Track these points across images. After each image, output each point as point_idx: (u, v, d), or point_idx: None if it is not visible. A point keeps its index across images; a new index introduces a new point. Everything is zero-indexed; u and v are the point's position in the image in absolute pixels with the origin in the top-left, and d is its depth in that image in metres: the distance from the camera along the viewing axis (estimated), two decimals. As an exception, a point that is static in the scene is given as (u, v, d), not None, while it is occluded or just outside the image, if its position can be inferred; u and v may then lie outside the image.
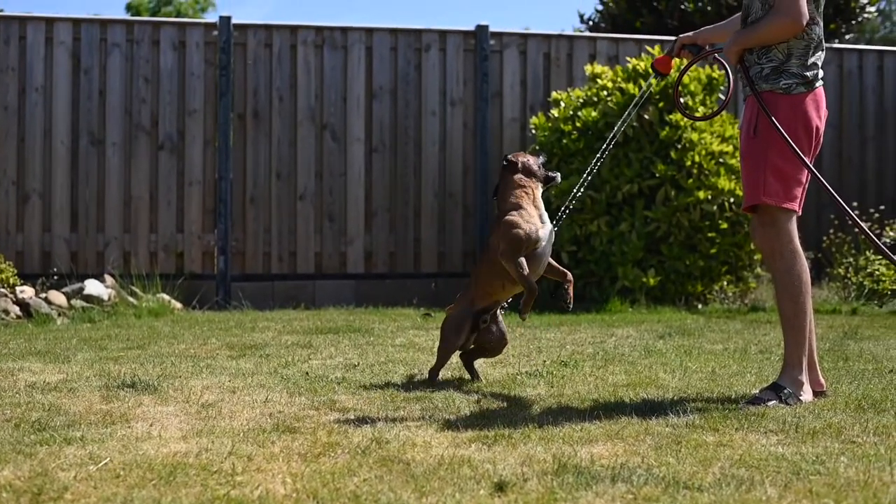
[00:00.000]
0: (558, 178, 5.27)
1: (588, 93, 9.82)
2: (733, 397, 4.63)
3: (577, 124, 9.56)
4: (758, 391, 4.58)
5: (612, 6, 14.70)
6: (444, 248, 10.52)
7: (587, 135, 9.47)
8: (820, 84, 4.57)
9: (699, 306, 9.30)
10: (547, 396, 4.72)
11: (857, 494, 2.99)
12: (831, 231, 10.28)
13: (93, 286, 8.93)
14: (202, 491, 3.08)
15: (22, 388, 4.90)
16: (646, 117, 9.44)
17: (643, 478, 3.17)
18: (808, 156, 4.52)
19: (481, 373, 5.37)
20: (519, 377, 5.27)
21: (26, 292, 8.54)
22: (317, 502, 2.99)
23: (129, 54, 10.07)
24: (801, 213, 4.61)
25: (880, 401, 4.44)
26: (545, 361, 5.84)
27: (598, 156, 5.91)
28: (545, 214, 5.10)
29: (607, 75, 9.86)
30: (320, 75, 10.39)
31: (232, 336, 7.15)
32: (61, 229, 9.85)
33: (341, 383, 5.05)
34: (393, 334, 7.29)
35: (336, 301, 9.97)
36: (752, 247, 9.28)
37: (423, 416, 4.24)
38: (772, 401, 4.39)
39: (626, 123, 5.94)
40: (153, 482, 3.16)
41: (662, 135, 9.36)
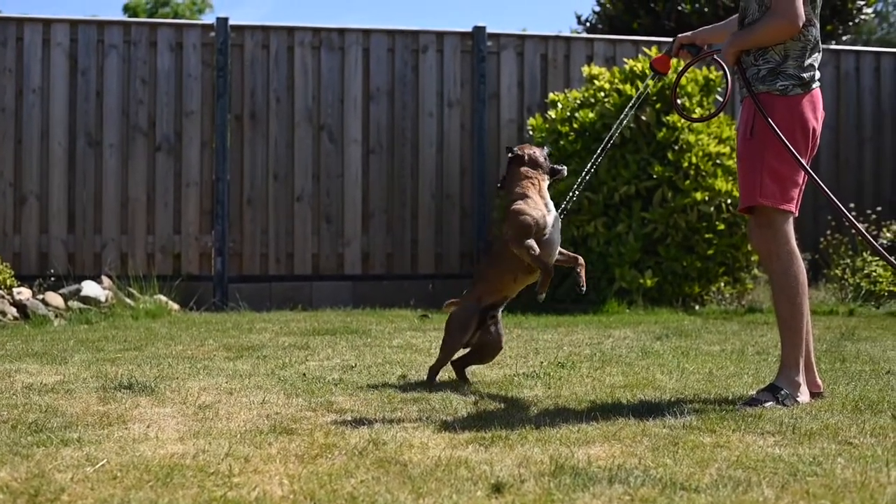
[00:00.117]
0: (564, 171, 5.28)
1: (585, 94, 9.82)
2: (730, 398, 4.63)
3: (575, 125, 9.56)
4: (755, 392, 4.59)
5: (610, 7, 14.70)
6: (442, 250, 10.52)
7: (584, 136, 9.48)
8: (817, 85, 4.57)
9: (696, 307, 9.31)
10: (544, 398, 4.72)
11: (854, 496, 2.99)
12: (828, 232, 10.29)
13: (90, 287, 8.93)
14: (199, 492, 3.07)
15: (19, 389, 4.90)
16: (643, 119, 9.44)
17: (640, 479, 3.17)
18: (805, 157, 4.52)
19: (479, 373, 5.37)
20: (516, 378, 5.27)
21: (23, 294, 8.54)
22: (314, 503, 3.00)
23: (127, 56, 10.07)
24: (797, 214, 4.62)
25: (877, 402, 4.44)
26: (542, 363, 5.84)
27: (594, 157, 5.90)
28: (551, 203, 5.11)
29: (605, 76, 9.87)
30: (317, 76, 10.39)
31: (229, 337, 7.15)
32: (58, 231, 9.85)
33: (338, 384, 5.05)
34: (390, 335, 7.29)
35: (333, 302, 9.97)
36: (749, 248, 9.28)
37: (420, 417, 4.24)
38: (769, 402, 4.39)
39: (622, 125, 5.94)
40: (150, 483, 3.16)
41: (659, 136, 9.37)
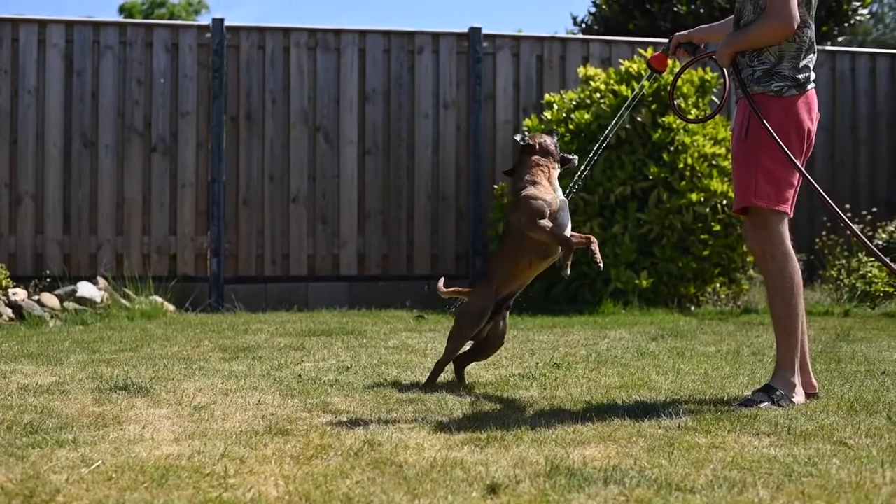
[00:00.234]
0: (575, 160, 5.30)
1: (581, 95, 9.82)
2: (726, 399, 4.64)
3: (571, 126, 9.56)
4: (750, 393, 4.59)
5: (605, 8, 14.70)
6: (437, 251, 10.52)
7: (580, 137, 9.48)
8: (812, 87, 4.58)
9: (692, 308, 9.31)
10: (539, 398, 4.73)
11: (850, 496, 3.00)
12: (824, 233, 10.29)
13: (85, 288, 8.92)
14: (194, 493, 3.07)
15: (14, 390, 4.89)
16: (639, 119, 9.45)
17: (635, 480, 3.17)
18: (800, 158, 4.52)
19: (474, 374, 5.37)
20: (512, 379, 5.27)
21: (19, 294, 8.52)
22: (309, 504, 3.00)
23: (122, 56, 10.06)
24: (792, 215, 4.62)
25: (872, 402, 4.44)
26: (538, 363, 5.84)
27: (590, 157, 5.91)
28: (560, 190, 5.12)
29: (600, 77, 9.87)
30: (313, 77, 10.39)
31: (225, 338, 7.14)
32: (54, 231, 9.84)
33: (334, 385, 5.05)
34: (386, 336, 7.28)
35: (329, 303, 9.97)
36: (744, 249, 9.28)
37: (415, 418, 4.24)
38: (764, 403, 4.39)
39: (618, 125, 5.95)
40: (145, 484, 3.16)
41: (655, 137, 9.37)
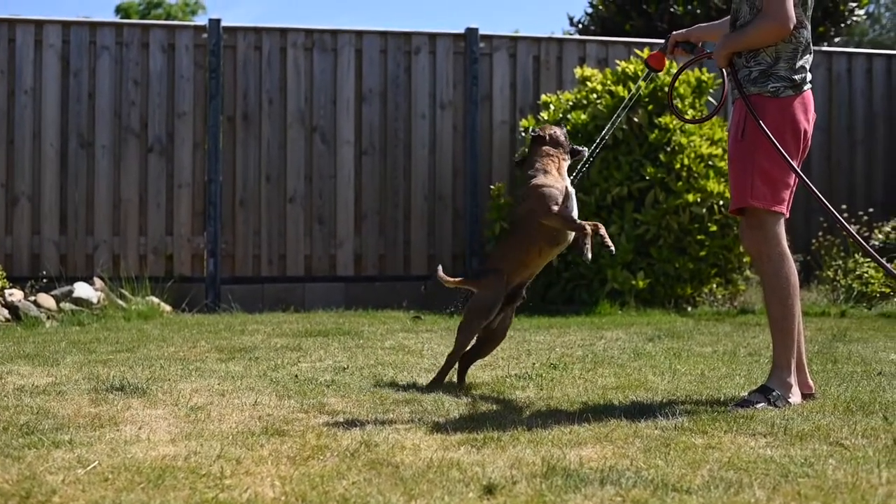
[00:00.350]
0: (585, 152, 5.34)
1: (578, 96, 9.83)
2: (722, 400, 4.64)
3: (567, 127, 9.54)
4: (747, 394, 4.59)
5: (602, 9, 14.70)
6: (434, 251, 10.52)
7: (577, 138, 9.47)
8: (808, 87, 4.58)
9: (688, 309, 9.32)
10: (536, 399, 4.73)
11: (846, 497, 3.00)
12: (820, 234, 10.30)
13: (82, 289, 8.91)
14: (191, 494, 3.07)
15: (10, 391, 4.88)
16: (635, 120, 9.45)
17: (632, 480, 3.17)
18: (796, 159, 4.53)
19: (471, 374, 5.37)
20: (508, 380, 5.28)
21: (15, 295, 8.52)
22: (305, 505, 3.00)
23: (119, 57, 10.05)
24: (789, 215, 4.63)
25: (869, 403, 4.45)
26: (534, 364, 5.85)
27: (586, 158, 5.90)
28: (568, 180, 5.16)
29: (597, 78, 9.88)
30: (310, 78, 10.39)
31: (221, 339, 7.14)
32: (50, 232, 9.83)
33: (330, 386, 5.05)
34: (382, 337, 7.28)
35: (326, 304, 9.97)
36: (741, 249, 9.29)
37: (412, 418, 4.24)
38: (760, 403, 4.40)
39: (615, 126, 5.95)
40: (141, 485, 3.15)
41: (651, 138, 9.38)
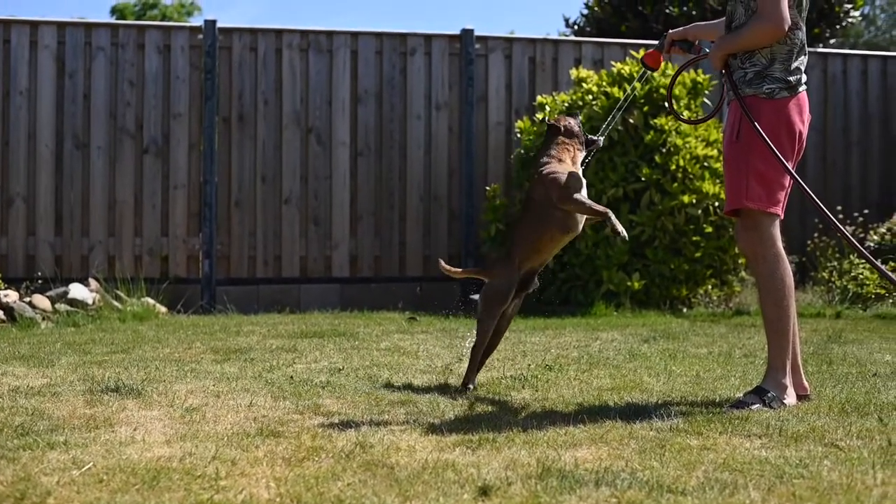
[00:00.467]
0: (600, 142, 5.40)
1: (573, 97, 9.82)
2: (717, 401, 4.64)
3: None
4: (742, 395, 4.59)
5: (598, 10, 14.70)
6: (430, 252, 10.51)
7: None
8: (803, 89, 4.59)
9: (684, 310, 9.32)
10: (531, 400, 4.73)
11: (841, 498, 3.00)
12: (815, 235, 10.31)
13: (77, 290, 8.90)
14: (186, 495, 3.07)
15: (5, 392, 4.88)
16: (630, 121, 9.45)
17: (627, 482, 3.17)
18: (791, 160, 4.54)
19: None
20: (503, 381, 5.28)
21: (10, 296, 8.51)
22: (300, 507, 3.00)
23: (114, 58, 10.05)
24: (784, 216, 4.63)
25: (864, 404, 4.45)
26: (530, 365, 5.85)
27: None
28: (580, 170, 5.21)
29: (592, 79, 9.87)
30: (305, 79, 10.38)
31: (216, 340, 7.14)
32: (45, 233, 9.82)
33: (326, 387, 5.05)
34: (378, 338, 7.28)
35: (321, 305, 9.96)
36: (736, 251, 9.29)
37: (407, 420, 4.24)
38: (756, 404, 4.40)
39: (610, 127, 5.95)
40: (136, 487, 3.15)
41: (647, 139, 9.38)
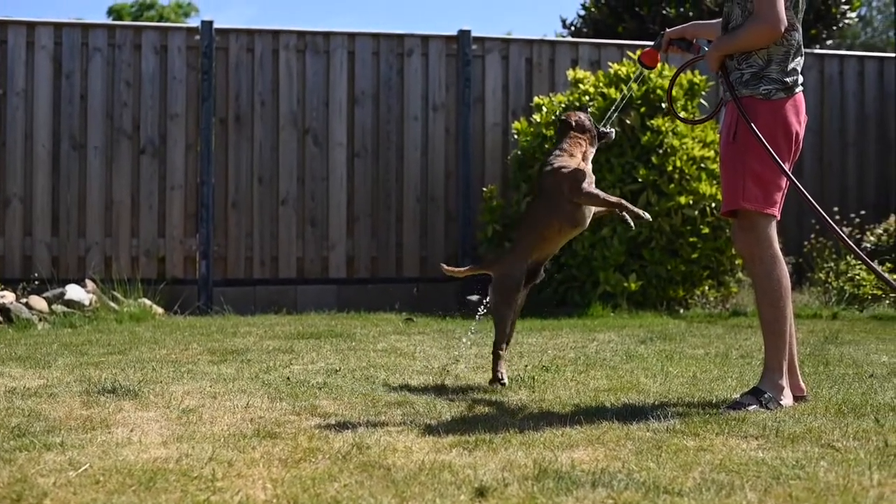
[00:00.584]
0: (612, 134, 5.45)
1: (570, 98, 9.82)
2: (714, 402, 4.64)
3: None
4: (738, 396, 4.59)
5: (595, 11, 14.71)
6: (427, 253, 10.51)
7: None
8: (800, 90, 4.59)
9: (681, 311, 9.32)
10: (528, 401, 4.73)
11: (837, 499, 3.00)
12: (812, 236, 10.32)
13: (74, 291, 8.89)
14: (182, 497, 3.07)
15: (2, 393, 4.87)
16: (627, 122, 9.45)
17: (623, 483, 3.17)
18: (788, 161, 4.54)
19: (463, 376, 5.37)
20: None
21: (7, 297, 8.50)
22: (297, 508, 2.99)
23: (111, 58, 10.04)
24: (780, 217, 4.63)
25: (860, 405, 4.45)
26: (527, 366, 5.84)
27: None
28: (590, 167, 5.27)
29: (589, 80, 9.87)
30: (302, 80, 10.38)
31: (213, 341, 7.13)
32: (42, 234, 9.82)
33: (322, 388, 5.05)
34: (375, 339, 7.28)
35: (318, 306, 9.96)
36: (733, 251, 9.29)
37: (404, 421, 4.24)
38: (752, 405, 4.40)
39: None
40: (133, 488, 3.15)
41: (644, 140, 9.38)
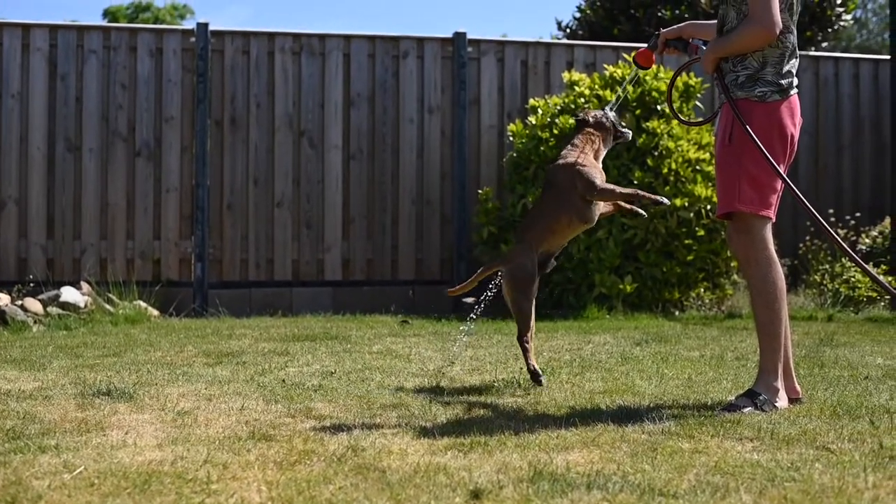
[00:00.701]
0: (629, 135, 5.51)
1: (566, 100, 9.83)
2: (709, 404, 4.64)
3: (555, 131, 9.57)
4: (734, 398, 4.60)
5: (590, 14, 14.73)
6: (422, 255, 10.51)
7: (564, 141, 9.46)
8: (795, 92, 4.60)
9: (676, 313, 9.33)
10: (523, 404, 4.73)
11: (832, 501, 3.00)
12: (807, 238, 10.33)
13: (69, 293, 8.89)
14: (177, 499, 3.07)
15: (-4, 396, 4.88)
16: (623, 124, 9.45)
17: (619, 485, 3.17)
18: (783, 163, 4.55)
19: (459, 378, 5.37)
20: (495, 384, 5.28)
21: (2, 299, 8.50)
22: (292, 510, 2.99)
23: (106, 61, 10.03)
24: (776, 219, 4.64)
25: (855, 407, 4.46)
26: (522, 368, 5.82)
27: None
28: (600, 163, 5.30)
29: (585, 82, 9.88)
30: (298, 82, 10.38)
31: (209, 343, 7.13)
32: (37, 236, 9.80)
33: (318, 391, 5.04)
34: (370, 341, 7.28)
35: (313, 308, 9.95)
36: (728, 253, 9.30)
37: (399, 423, 4.24)
38: (747, 407, 4.40)
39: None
40: (128, 490, 3.15)
41: (639, 142, 9.39)
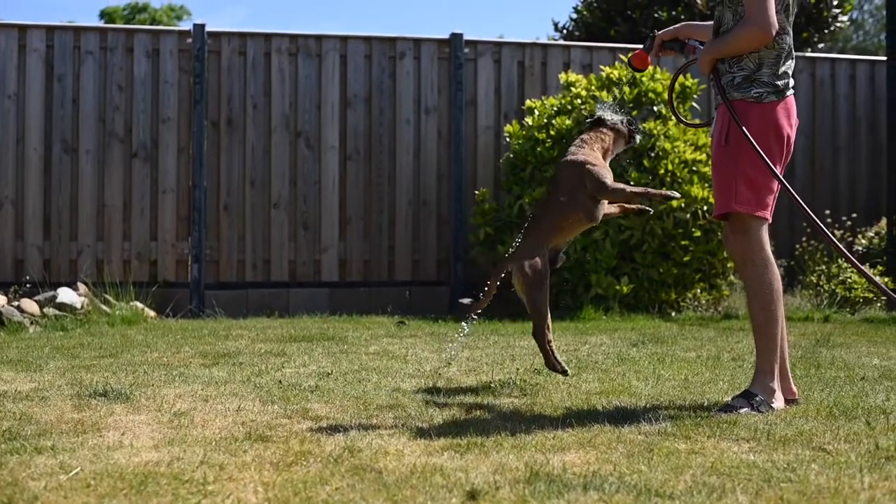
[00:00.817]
0: (638, 139, 5.56)
1: (562, 101, 9.84)
2: (706, 405, 4.65)
3: (552, 132, 9.57)
4: (730, 399, 4.60)
5: (587, 15, 14.75)
6: (419, 256, 10.51)
7: (561, 143, 9.48)
8: (791, 93, 4.61)
9: (672, 314, 9.33)
10: (520, 404, 4.73)
11: (828, 501, 3.01)
12: (804, 239, 10.34)
13: (66, 294, 8.87)
14: (173, 500, 3.06)
15: (-8, 397, 4.87)
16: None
17: (615, 486, 3.18)
18: (780, 164, 4.55)
19: (455, 379, 5.37)
20: (492, 385, 5.28)
21: (-2, 300, 8.49)
22: (288, 511, 2.99)
23: (103, 62, 10.03)
24: (772, 220, 4.65)
25: (851, 408, 4.46)
26: (518, 369, 5.84)
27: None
28: (606, 163, 5.32)
29: (581, 83, 9.89)
30: (294, 83, 10.38)
31: (205, 344, 7.12)
32: (34, 237, 9.80)
33: (314, 391, 5.04)
34: (367, 342, 7.28)
35: (310, 309, 9.94)
36: (725, 254, 9.31)
37: (395, 424, 4.24)
38: (744, 408, 4.41)
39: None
40: (124, 491, 3.14)
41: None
